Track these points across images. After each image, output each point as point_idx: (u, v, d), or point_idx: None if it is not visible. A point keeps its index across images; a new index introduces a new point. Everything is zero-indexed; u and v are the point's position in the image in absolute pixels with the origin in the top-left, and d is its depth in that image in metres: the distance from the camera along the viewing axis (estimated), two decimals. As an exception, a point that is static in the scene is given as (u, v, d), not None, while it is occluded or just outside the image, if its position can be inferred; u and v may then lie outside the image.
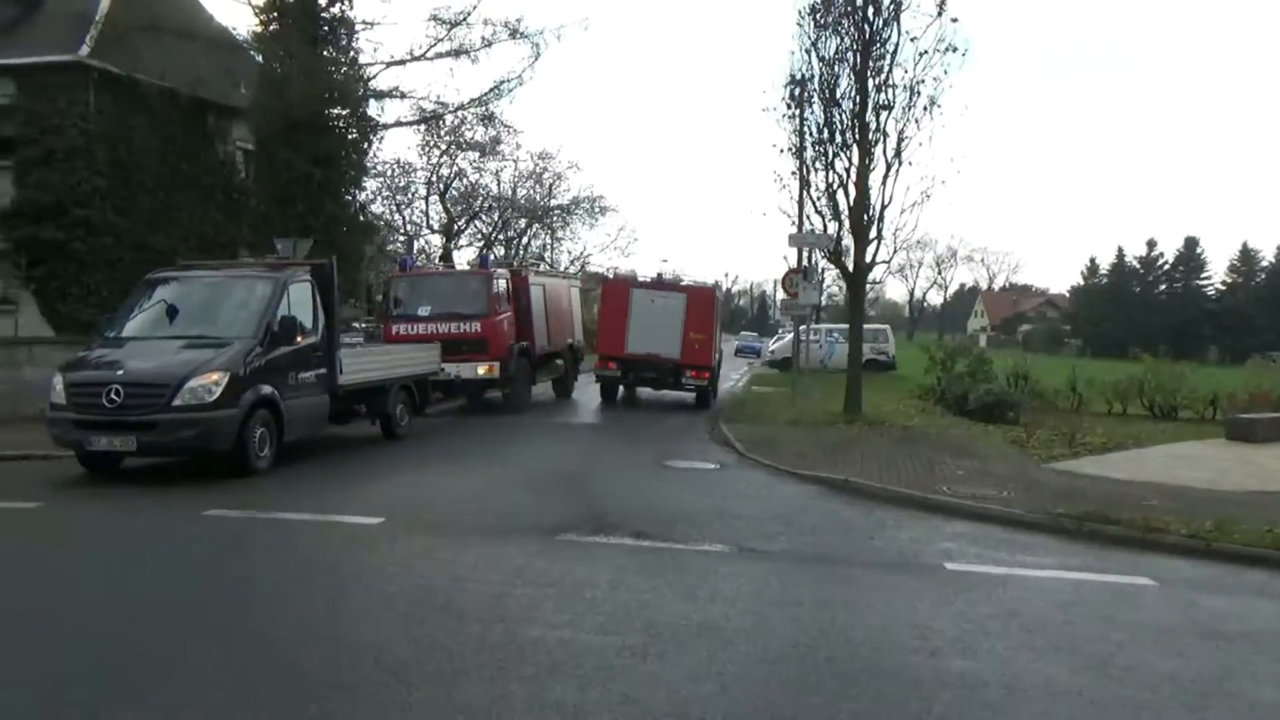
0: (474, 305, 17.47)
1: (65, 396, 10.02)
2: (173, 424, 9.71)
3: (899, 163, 16.61)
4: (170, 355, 10.24)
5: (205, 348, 10.34)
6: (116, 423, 9.71)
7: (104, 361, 10.30)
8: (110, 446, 9.84)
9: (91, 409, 9.78)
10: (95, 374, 10.08)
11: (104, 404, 9.69)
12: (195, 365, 9.97)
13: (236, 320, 10.92)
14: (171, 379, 9.81)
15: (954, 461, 12.39)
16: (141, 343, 10.60)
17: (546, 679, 4.75)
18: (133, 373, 9.92)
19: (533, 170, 40.56)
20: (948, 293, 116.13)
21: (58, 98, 18.87)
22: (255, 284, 11.51)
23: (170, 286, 11.61)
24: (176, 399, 9.72)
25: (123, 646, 5.20)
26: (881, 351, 33.85)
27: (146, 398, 9.75)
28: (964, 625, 5.90)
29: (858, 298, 18.46)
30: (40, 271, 18.87)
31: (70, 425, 9.95)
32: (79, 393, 9.98)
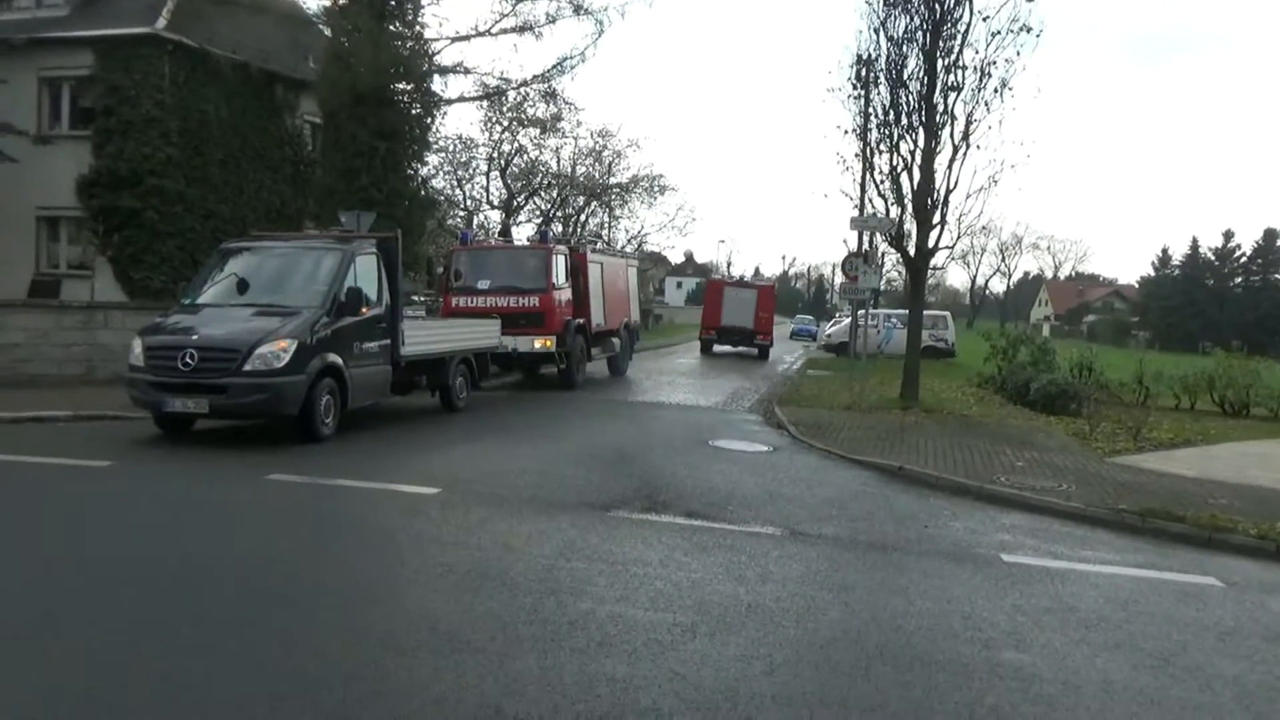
0: (533, 280, 17.61)
1: (143, 359, 10.40)
2: (243, 388, 10.03)
3: (966, 146, 16.29)
4: (241, 322, 10.56)
5: (274, 316, 10.65)
6: (190, 385, 10.09)
7: (180, 327, 10.64)
8: (184, 408, 10.22)
9: (167, 371, 10.15)
10: (171, 338, 10.42)
11: (179, 367, 10.06)
12: (264, 332, 10.26)
13: (305, 290, 11.21)
14: (242, 345, 10.12)
15: (1013, 452, 12.18)
16: (215, 309, 10.96)
17: (596, 652, 4.81)
18: (206, 338, 10.26)
19: (593, 148, 40.69)
20: (1011, 280, 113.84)
21: (134, 69, 19.37)
22: (323, 255, 11.78)
23: (243, 256, 11.97)
24: (246, 364, 10.03)
25: (188, 602, 5.37)
26: (940, 338, 33.31)
27: (219, 362, 10.08)
28: (1019, 618, 5.82)
29: (918, 283, 18.17)
30: (116, 239, 19.47)
31: (147, 386, 10.33)
32: (156, 356, 10.32)
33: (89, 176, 19.52)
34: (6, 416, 11.31)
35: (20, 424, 11.20)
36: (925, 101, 16.34)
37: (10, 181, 19.10)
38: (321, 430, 10.67)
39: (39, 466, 9.00)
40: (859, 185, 19.06)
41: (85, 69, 19.83)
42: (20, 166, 18.77)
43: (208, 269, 12.04)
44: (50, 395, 13.00)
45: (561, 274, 18.19)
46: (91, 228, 19.86)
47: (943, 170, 16.45)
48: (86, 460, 9.20)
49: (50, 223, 20.96)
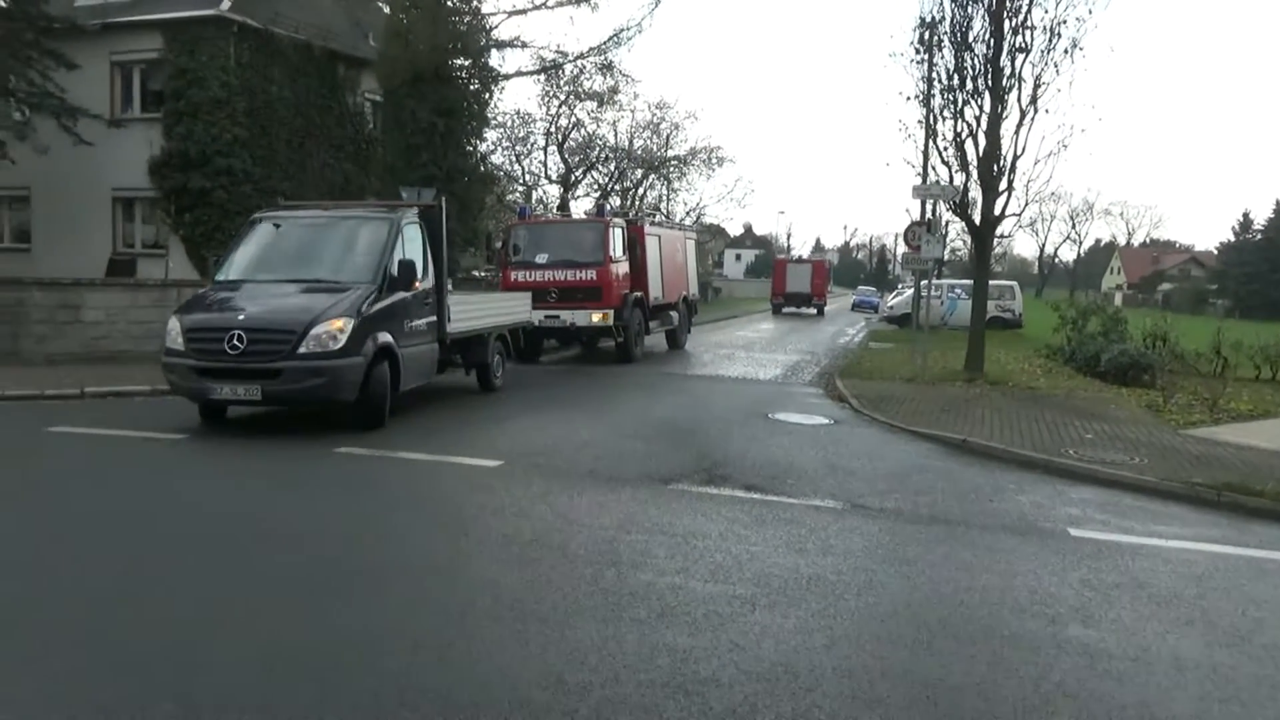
0: (590, 254, 17.62)
1: (183, 341, 9.54)
2: (298, 372, 9.34)
3: (1034, 110, 15.78)
4: (289, 300, 9.85)
5: (324, 292, 9.94)
6: (239, 370, 9.31)
7: (223, 305, 9.85)
8: (233, 395, 9.43)
9: (212, 355, 9.34)
10: (215, 318, 9.61)
11: (226, 350, 9.27)
12: (319, 311, 9.55)
13: (352, 264, 10.53)
14: (296, 325, 9.40)
15: (1082, 424, 11.88)
16: (257, 286, 10.16)
17: (656, 623, 4.85)
18: (255, 318, 9.47)
19: (650, 120, 40.50)
20: (1081, 248, 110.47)
21: (201, 51, 19.83)
22: (367, 226, 11.05)
23: (278, 227, 11.19)
24: (301, 346, 9.34)
25: (260, 567, 5.55)
26: (1007, 309, 32.56)
27: (270, 344, 9.34)
28: (1087, 594, 5.70)
29: (984, 252, 17.75)
30: (187, 218, 20.04)
31: (189, 372, 9.50)
32: (198, 338, 9.49)
33: (160, 158, 20.09)
34: (89, 391, 11.77)
35: (102, 398, 11.65)
36: (991, 64, 15.87)
37: (87, 164, 19.76)
38: (380, 415, 10.11)
39: (119, 439, 9.35)
40: (922, 152, 18.69)
41: (154, 52, 20.35)
42: (96, 149, 19.40)
43: (241, 240, 11.11)
44: (129, 370, 13.46)
45: (619, 247, 18.16)
46: (164, 207, 20.47)
47: (1009, 135, 16.00)
48: (162, 433, 9.53)
49: (125, 203, 21.64)
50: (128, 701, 3.78)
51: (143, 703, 3.78)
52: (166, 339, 9.78)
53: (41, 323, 14.72)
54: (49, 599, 4.93)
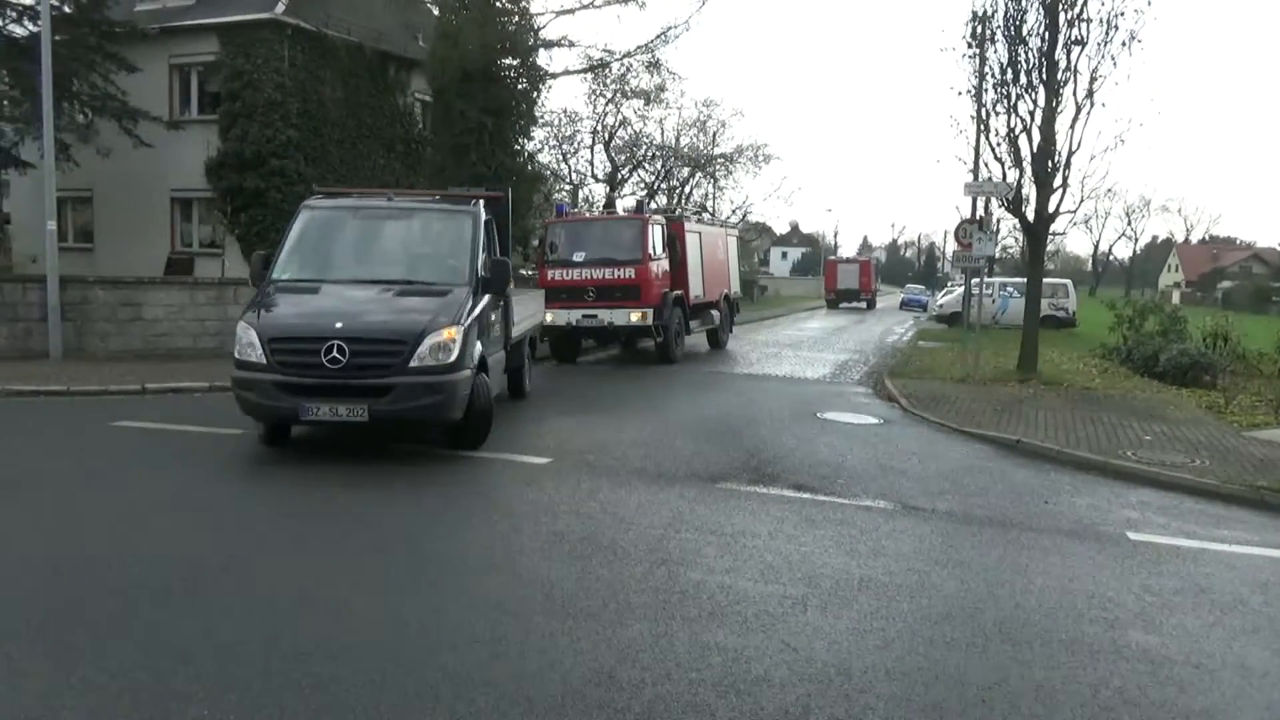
0: (628, 251, 17.24)
1: (266, 354, 8.09)
2: (412, 388, 8.06)
3: (1091, 104, 15.48)
4: (389, 305, 8.63)
5: (420, 295, 8.78)
6: (343, 387, 7.98)
7: (309, 311, 8.46)
8: (333, 416, 8.03)
9: (307, 370, 7.97)
10: (305, 325, 8.22)
11: (324, 364, 7.90)
12: (429, 319, 8.32)
13: (442, 262, 9.39)
14: (407, 335, 8.14)
15: (1140, 425, 11.62)
16: (338, 288, 8.83)
17: (708, 621, 4.84)
18: (357, 326, 8.14)
19: (697, 118, 40.44)
20: (1137, 245, 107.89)
21: (255, 54, 20.24)
22: (449, 219, 9.84)
23: (338, 219, 9.90)
24: (414, 359, 8.07)
25: (318, 560, 5.66)
26: (1061, 307, 31.97)
27: (380, 356, 8.07)
28: (1147, 599, 5.58)
29: (1037, 250, 17.43)
30: (242, 218, 20.47)
31: (275, 389, 8.03)
32: (288, 349, 8.08)
33: (216, 159, 20.54)
34: (150, 387, 12.08)
35: (162, 394, 11.94)
36: (1046, 58, 15.58)
37: (146, 166, 20.28)
38: (484, 434, 8.93)
39: (180, 434, 9.58)
40: (973, 149, 18.43)
41: (211, 55, 20.82)
42: (155, 151, 19.90)
43: (294, 234, 9.56)
44: (187, 367, 13.78)
45: (658, 244, 17.75)
46: (220, 208, 20.93)
47: (1064, 130, 15.71)
48: (221, 429, 9.73)
49: (183, 203, 22.18)
50: (189, 684, 3.88)
51: (209, 685, 3.87)
52: (237, 349, 8.30)
53: (105, 320, 15.13)
54: (120, 587, 5.08)
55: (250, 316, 8.53)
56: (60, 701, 3.75)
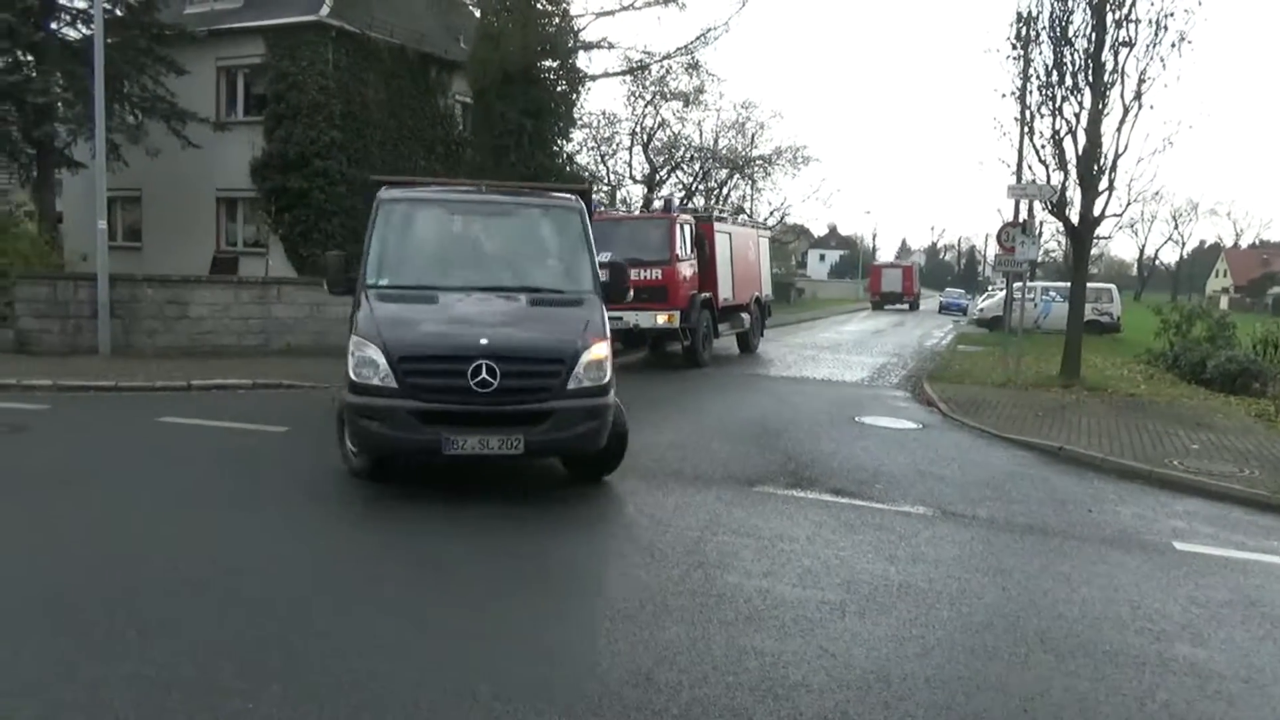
0: (656, 252, 16.76)
1: (396, 376, 6.74)
2: (570, 414, 6.94)
3: (1139, 106, 15.21)
4: (528, 316, 7.45)
5: (557, 305, 7.65)
6: (496, 415, 6.80)
7: (448, 326, 7.14)
8: (483, 449, 6.76)
9: (452, 395, 6.74)
10: (444, 342, 6.93)
11: (471, 387, 6.69)
12: (579, 332, 7.23)
13: (562, 266, 8.19)
14: (564, 351, 7.04)
15: (1187, 434, 11.40)
16: (461, 297, 7.50)
17: (745, 625, 4.83)
18: (507, 343, 6.92)
19: (735, 120, 40.35)
20: (1185, 249, 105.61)
21: (300, 56, 20.52)
22: (555, 216, 8.52)
23: (432, 214, 8.44)
24: (571, 380, 7.01)
25: (353, 557, 5.73)
26: (1105, 312, 31.44)
27: (536, 378, 6.94)
28: (1194, 610, 5.47)
29: (1082, 254, 17.16)
30: (286, 218, 20.76)
31: (412, 419, 6.70)
32: (427, 370, 6.79)
33: (261, 159, 20.85)
34: (195, 384, 12.30)
35: (207, 391, 12.15)
36: (1092, 59, 15.34)
37: (194, 166, 20.66)
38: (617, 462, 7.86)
39: (224, 430, 9.73)
40: (1017, 151, 18.18)
41: (258, 57, 21.15)
42: (202, 151, 20.27)
43: (384, 233, 8.00)
44: (231, 364, 14.02)
45: (686, 245, 17.32)
46: (264, 208, 21.25)
47: (1111, 133, 15.45)
48: (265, 425, 9.88)
49: (228, 203, 22.55)
50: (233, 678, 3.95)
51: (252, 680, 3.94)
52: (352, 370, 6.94)
53: (152, 318, 15.43)
54: (165, 582, 5.17)
55: (365, 330, 6.99)
56: (108, 694, 3.83)
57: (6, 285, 14.91)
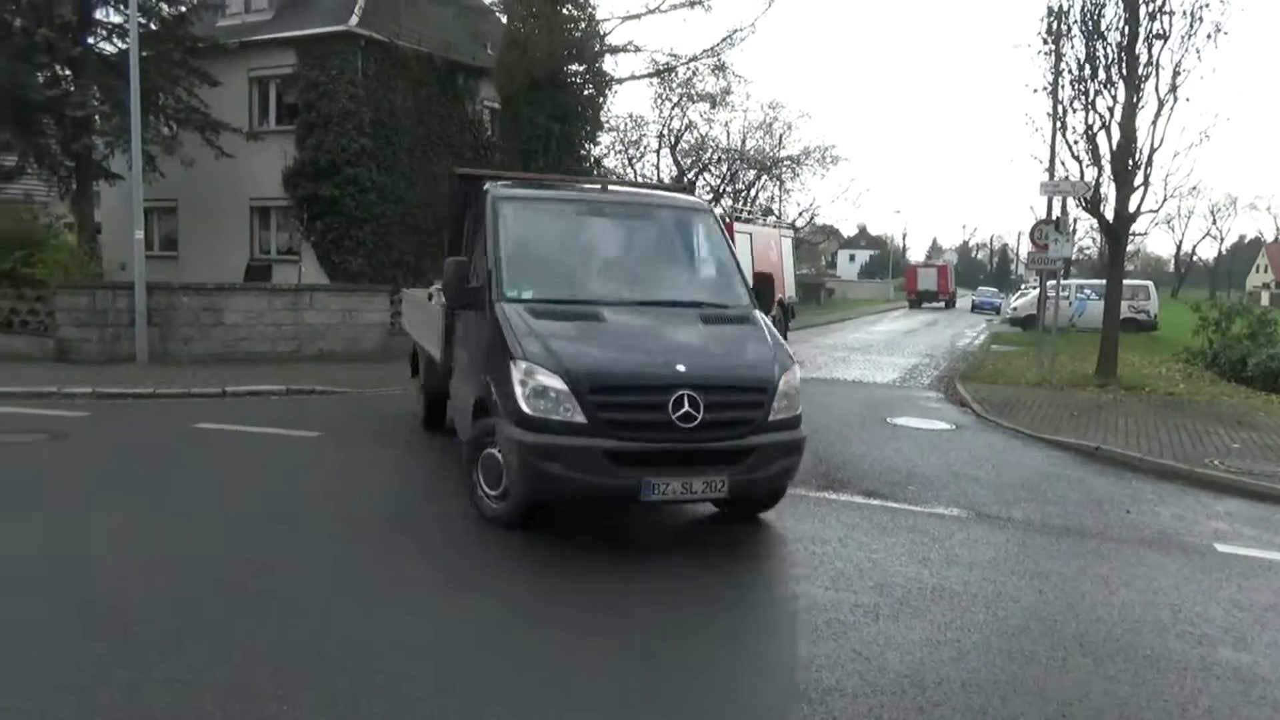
0: None
1: (586, 409, 5.74)
2: (770, 451, 6.11)
3: (1174, 99, 14.97)
4: (712, 336, 6.59)
5: (729, 323, 6.81)
6: (698, 453, 5.89)
7: (636, 349, 6.25)
8: (686, 494, 5.90)
9: (651, 430, 5.80)
10: (644, 370, 5.99)
11: (672, 420, 5.75)
12: (770, 355, 6.44)
13: (709, 275, 7.43)
14: (765, 379, 6.21)
15: (1227, 433, 11.18)
16: (625, 312, 6.62)
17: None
18: (705, 369, 6.05)
19: (763, 120, 40.25)
20: (1223, 245, 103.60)
21: (330, 65, 20.73)
22: (692, 218, 7.69)
23: (562, 216, 7.46)
24: (772, 411, 6.17)
25: (382, 555, 5.77)
26: (1141, 310, 30.94)
27: (740, 409, 6.07)
28: (1237, 614, 5.36)
29: (1117, 251, 16.89)
30: (318, 226, 20.98)
31: (604, 460, 5.70)
32: (623, 403, 5.82)
33: (293, 168, 21.08)
34: (230, 390, 12.46)
35: (241, 397, 12.30)
36: (1125, 53, 15.11)
37: (227, 175, 20.93)
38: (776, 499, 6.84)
39: (258, 436, 9.84)
40: (1049, 147, 17.99)
41: (289, 67, 21.38)
42: (235, 161, 20.52)
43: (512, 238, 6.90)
44: (265, 371, 14.18)
45: None
46: (296, 215, 21.47)
47: (1146, 127, 15.23)
48: (298, 431, 9.98)
49: (262, 212, 22.81)
50: (266, 681, 3.98)
51: (286, 684, 3.97)
52: (524, 402, 5.84)
53: (188, 325, 15.65)
54: (201, 586, 5.23)
55: (535, 353, 5.93)
56: (143, 697, 3.87)
57: (47, 295, 15.20)
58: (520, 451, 5.84)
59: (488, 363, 6.37)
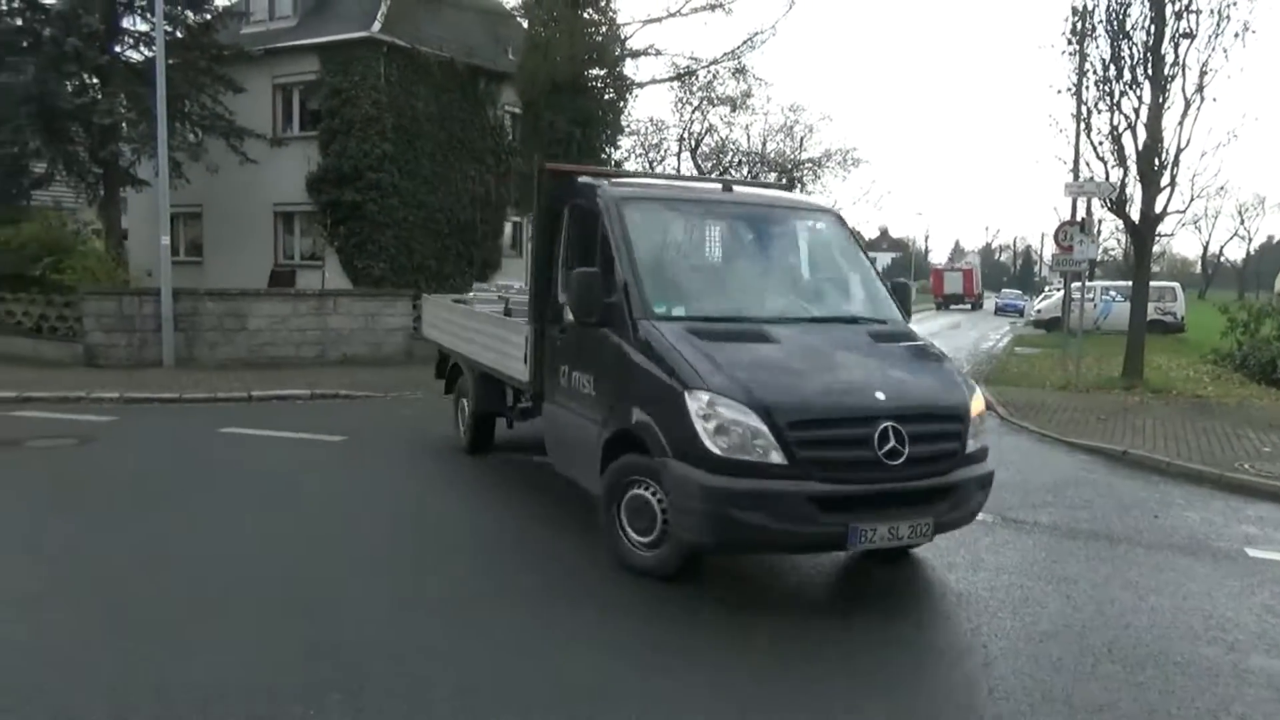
0: None
1: (786, 446, 4.96)
2: (968, 487, 5.50)
3: (1200, 99, 14.79)
4: (888, 355, 5.86)
5: (898, 340, 6.13)
6: (904, 493, 5.18)
7: (829, 375, 5.43)
8: (893, 540, 5.16)
9: (859, 470, 5.08)
10: (844, 400, 5.23)
11: (879, 458, 5.05)
12: (955, 377, 5.89)
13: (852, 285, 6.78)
14: (959, 406, 5.56)
15: (1258, 436, 11.02)
16: (789, 329, 5.81)
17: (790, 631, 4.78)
18: (905, 397, 5.37)
19: (784, 123, 40.05)
20: (1251, 246, 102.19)
21: (353, 71, 20.88)
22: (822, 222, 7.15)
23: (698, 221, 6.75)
24: (968, 442, 5.52)
25: (409, 555, 5.79)
26: (1168, 311, 30.60)
27: (940, 441, 5.37)
28: (1270, 620, 5.28)
29: (1143, 252, 16.71)
30: (341, 231, 21.13)
31: (807, 505, 4.94)
32: (828, 439, 5.08)
33: (316, 174, 21.25)
34: (256, 395, 12.56)
35: (266, 402, 12.40)
36: (1151, 52, 14.95)
37: (252, 181, 21.14)
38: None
39: (285, 440, 9.91)
40: (1073, 148, 17.82)
41: (312, 74, 21.57)
42: (259, 167, 20.73)
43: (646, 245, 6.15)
44: (289, 375, 14.29)
45: None
46: (320, 221, 21.64)
47: (1172, 127, 15.04)
48: (324, 435, 10.04)
49: (285, 217, 23.00)
50: (292, 683, 4.01)
51: (311, 686, 3.99)
52: (706, 438, 5.02)
53: (213, 330, 15.80)
54: (224, 589, 5.28)
55: (720, 383, 5.11)
56: (174, 697, 3.91)
57: (76, 301, 15.40)
58: (708, 498, 4.95)
59: (639, 391, 5.47)
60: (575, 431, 6.21)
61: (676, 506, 5.16)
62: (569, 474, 6.59)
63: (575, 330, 6.20)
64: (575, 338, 6.31)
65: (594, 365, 6.04)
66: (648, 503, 5.44)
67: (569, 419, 6.35)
